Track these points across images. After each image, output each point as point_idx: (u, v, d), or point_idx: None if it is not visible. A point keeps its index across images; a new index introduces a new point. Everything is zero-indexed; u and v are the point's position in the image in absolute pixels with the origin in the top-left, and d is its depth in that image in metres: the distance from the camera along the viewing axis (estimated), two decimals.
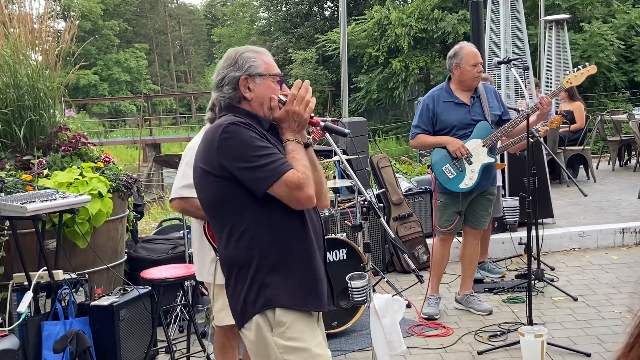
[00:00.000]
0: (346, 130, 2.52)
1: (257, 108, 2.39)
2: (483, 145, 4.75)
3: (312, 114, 2.40)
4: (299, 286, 2.31)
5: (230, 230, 2.30)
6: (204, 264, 3.50)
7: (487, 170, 4.79)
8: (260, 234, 2.28)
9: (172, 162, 5.50)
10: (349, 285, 3.79)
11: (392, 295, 3.46)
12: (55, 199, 3.97)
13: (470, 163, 4.76)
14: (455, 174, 4.78)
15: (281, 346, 2.27)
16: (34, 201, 3.85)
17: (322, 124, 2.46)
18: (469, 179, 4.77)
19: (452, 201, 4.87)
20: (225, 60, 2.44)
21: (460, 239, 5.33)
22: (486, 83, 5.08)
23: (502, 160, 5.98)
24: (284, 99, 2.37)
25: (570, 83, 4.98)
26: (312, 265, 2.36)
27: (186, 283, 4.50)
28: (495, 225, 6.40)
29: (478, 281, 5.72)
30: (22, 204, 3.77)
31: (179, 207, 3.45)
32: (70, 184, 4.49)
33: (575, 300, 5.16)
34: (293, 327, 2.29)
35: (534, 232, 4.89)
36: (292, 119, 2.34)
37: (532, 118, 4.84)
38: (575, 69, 5.00)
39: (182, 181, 3.40)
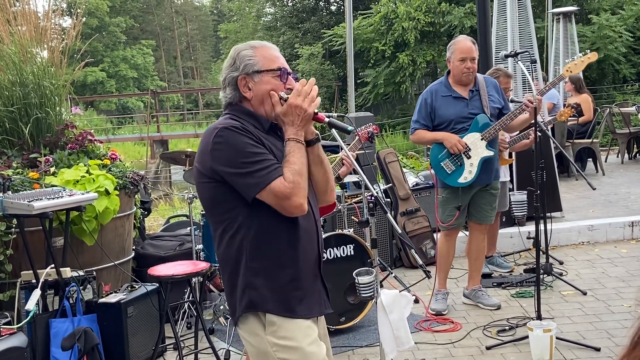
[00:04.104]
0: (350, 127, 2.48)
1: (258, 106, 2.36)
2: (482, 139, 4.70)
3: (317, 110, 2.35)
4: (284, 292, 2.31)
5: (223, 229, 2.33)
6: None
7: (486, 164, 4.75)
8: (249, 237, 2.28)
9: (179, 158, 5.50)
10: (356, 281, 3.78)
11: (400, 291, 3.45)
12: (62, 197, 3.98)
13: (469, 157, 4.72)
14: (454, 168, 4.76)
15: (274, 344, 2.29)
16: (40, 199, 3.86)
17: (327, 119, 2.41)
18: (469, 173, 4.73)
19: (453, 196, 4.84)
20: (227, 60, 2.42)
21: (467, 233, 5.30)
22: (487, 76, 5.04)
23: (509, 156, 5.94)
24: (284, 95, 2.32)
25: (570, 71, 4.93)
26: (300, 271, 2.35)
27: (194, 280, 4.50)
28: (504, 220, 6.38)
29: (486, 276, 5.71)
30: (29, 201, 3.78)
31: None
32: (77, 182, 4.50)
33: (585, 294, 5.12)
34: (284, 327, 2.30)
35: (542, 226, 4.86)
36: (295, 113, 2.28)
37: (525, 116, 4.80)
38: (576, 57, 4.96)
39: None
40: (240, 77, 2.35)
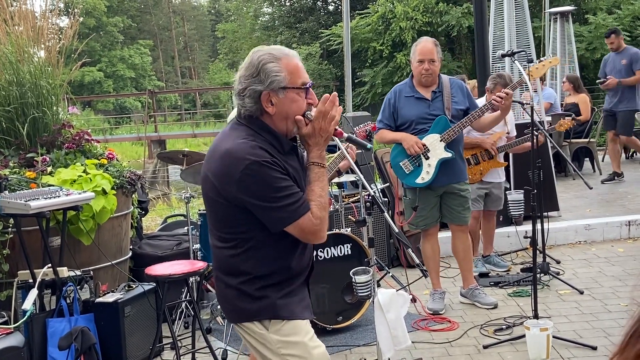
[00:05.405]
0: (369, 145, 2.54)
1: (280, 123, 2.32)
2: (440, 140, 4.71)
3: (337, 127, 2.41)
4: (289, 299, 2.39)
5: (233, 245, 2.35)
6: None
7: (445, 165, 4.74)
8: (259, 255, 2.33)
9: (176, 158, 5.49)
10: (354, 280, 3.78)
11: (397, 290, 3.45)
12: (59, 196, 3.97)
13: (427, 158, 4.74)
14: (412, 169, 4.78)
15: (277, 341, 2.35)
16: (37, 198, 3.85)
17: (346, 135, 2.48)
18: (426, 174, 4.75)
19: (414, 197, 4.88)
20: (247, 68, 2.30)
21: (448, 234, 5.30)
22: (453, 78, 5.03)
23: (506, 159, 5.94)
24: (310, 116, 2.33)
25: (532, 75, 4.92)
26: (302, 282, 2.47)
27: (191, 279, 4.50)
28: (501, 219, 6.38)
29: (483, 275, 5.72)
30: (26, 201, 3.77)
31: None
32: (74, 181, 4.50)
33: (581, 293, 5.13)
34: (286, 325, 2.37)
35: (539, 226, 4.87)
36: (319, 135, 2.32)
37: (496, 114, 4.78)
38: (537, 61, 4.95)
39: None
40: (265, 92, 2.27)
